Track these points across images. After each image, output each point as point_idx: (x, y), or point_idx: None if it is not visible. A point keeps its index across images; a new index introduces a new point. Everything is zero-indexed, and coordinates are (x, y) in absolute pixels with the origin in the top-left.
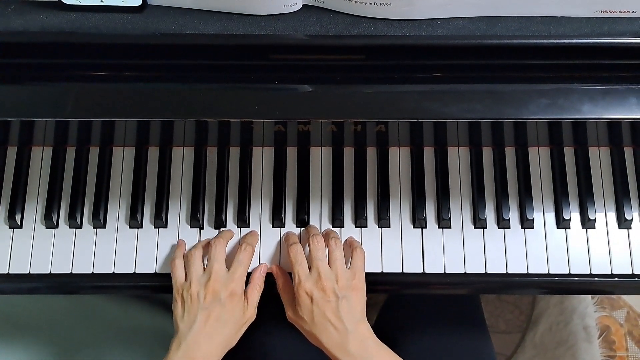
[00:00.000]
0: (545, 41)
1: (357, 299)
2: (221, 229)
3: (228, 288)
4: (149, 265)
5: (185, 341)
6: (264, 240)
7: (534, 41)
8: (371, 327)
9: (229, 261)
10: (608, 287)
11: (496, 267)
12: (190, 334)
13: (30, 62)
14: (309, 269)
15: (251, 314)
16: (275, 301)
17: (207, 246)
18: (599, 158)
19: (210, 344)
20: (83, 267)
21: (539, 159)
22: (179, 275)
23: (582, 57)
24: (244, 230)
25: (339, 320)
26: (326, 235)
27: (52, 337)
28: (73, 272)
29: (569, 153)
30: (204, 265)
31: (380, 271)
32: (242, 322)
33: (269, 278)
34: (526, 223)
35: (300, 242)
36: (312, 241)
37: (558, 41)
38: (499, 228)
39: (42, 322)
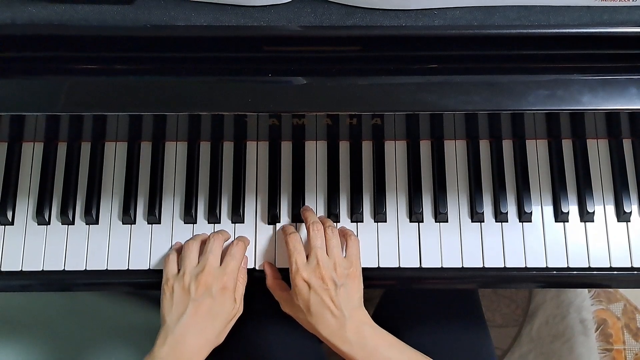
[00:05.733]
0: (544, 31)
1: (355, 286)
2: (215, 225)
3: (220, 281)
4: (142, 261)
5: (173, 334)
6: (259, 235)
7: (533, 31)
8: None
9: (222, 257)
10: (607, 281)
11: (494, 261)
12: (177, 327)
13: (19, 56)
14: (307, 257)
15: (239, 307)
16: (262, 295)
17: (204, 240)
18: (598, 150)
19: (199, 338)
20: (76, 264)
21: (537, 151)
22: (171, 268)
23: (582, 47)
24: (239, 226)
25: (336, 307)
26: (322, 223)
27: (46, 335)
28: (66, 269)
29: (567, 145)
30: (198, 259)
31: (376, 266)
32: (231, 316)
33: (263, 274)
34: (524, 216)
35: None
36: (312, 229)
37: (557, 31)
38: (496, 222)
39: (36, 320)
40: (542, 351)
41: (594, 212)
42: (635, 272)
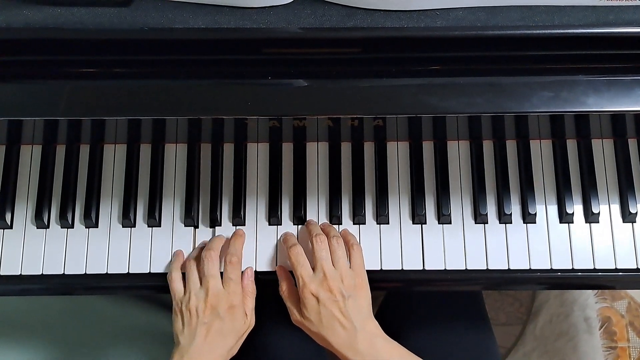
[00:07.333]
0: (548, 31)
1: (363, 297)
2: (216, 227)
3: (226, 301)
4: (143, 265)
5: (188, 354)
6: (260, 239)
7: (537, 31)
8: None
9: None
10: (612, 282)
11: (498, 262)
12: (191, 348)
13: (14, 60)
14: (313, 269)
15: (250, 321)
16: (273, 300)
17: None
18: (603, 150)
19: (212, 356)
20: (75, 267)
21: (541, 151)
22: (177, 289)
23: (587, 47)
24: (240, 228)
25: (346, 319)
26: (327, 234)
27: (48, 337)
28: (65, 273)
29: (571, 145)
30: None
31: (379, 268)
32: (242, 331)
33: (266, 277)
34: (528, 218)
35: (297, 241)
36: (316, 241)
37: (562, 31)
38: (500, 223)
39: (38, 323)
40: (546, 349)
41: (599, 212)
42: None
